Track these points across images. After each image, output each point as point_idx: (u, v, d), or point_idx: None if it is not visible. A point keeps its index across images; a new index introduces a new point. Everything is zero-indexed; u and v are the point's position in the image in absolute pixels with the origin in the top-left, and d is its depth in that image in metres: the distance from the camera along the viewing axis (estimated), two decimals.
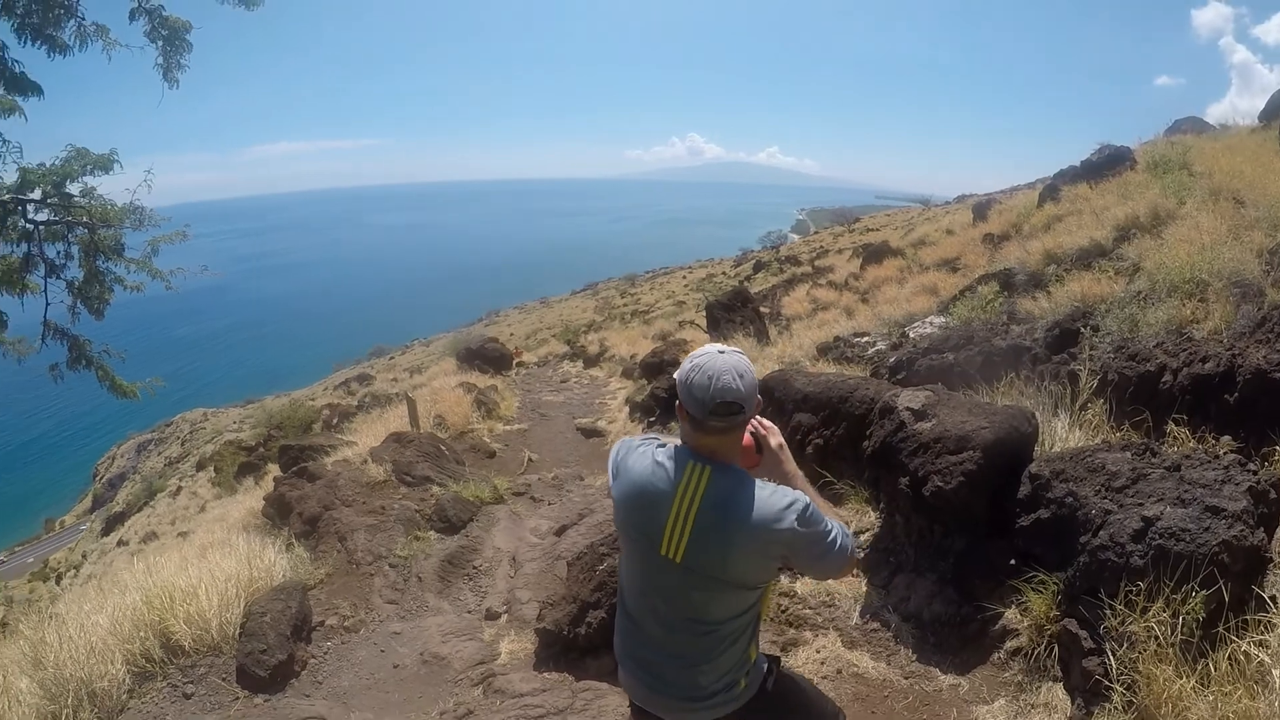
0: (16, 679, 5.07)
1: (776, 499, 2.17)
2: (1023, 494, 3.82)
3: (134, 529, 37.46)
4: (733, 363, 2.14)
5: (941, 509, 4.05)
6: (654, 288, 72.76)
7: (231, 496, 20.78)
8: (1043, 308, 8.75)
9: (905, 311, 12.34)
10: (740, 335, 13.90)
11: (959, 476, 3.94)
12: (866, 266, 21.79)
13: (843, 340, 11.25)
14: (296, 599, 6.08)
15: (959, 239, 19.90)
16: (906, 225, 44.87)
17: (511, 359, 22.53)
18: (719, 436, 2.20)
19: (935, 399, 4.49)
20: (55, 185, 5.05)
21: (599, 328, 40.27)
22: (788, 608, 4.79)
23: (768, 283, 35.16)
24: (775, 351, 12.57)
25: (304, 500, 8.69)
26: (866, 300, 16.80)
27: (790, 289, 24.47)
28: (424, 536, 7.71)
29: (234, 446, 30.59)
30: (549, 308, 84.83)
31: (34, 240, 5.33)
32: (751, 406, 2.18)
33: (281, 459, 14.10)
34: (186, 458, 51.34)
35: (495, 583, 6.88)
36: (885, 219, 73.08)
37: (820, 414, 5.90)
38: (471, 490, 8.77)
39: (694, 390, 2.13)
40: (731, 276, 53.88)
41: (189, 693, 5.28)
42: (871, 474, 4.84)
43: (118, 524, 44.46)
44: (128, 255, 5.56)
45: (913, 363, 7.97)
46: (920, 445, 4.21)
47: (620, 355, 20.64)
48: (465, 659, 5.61)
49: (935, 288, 14.20)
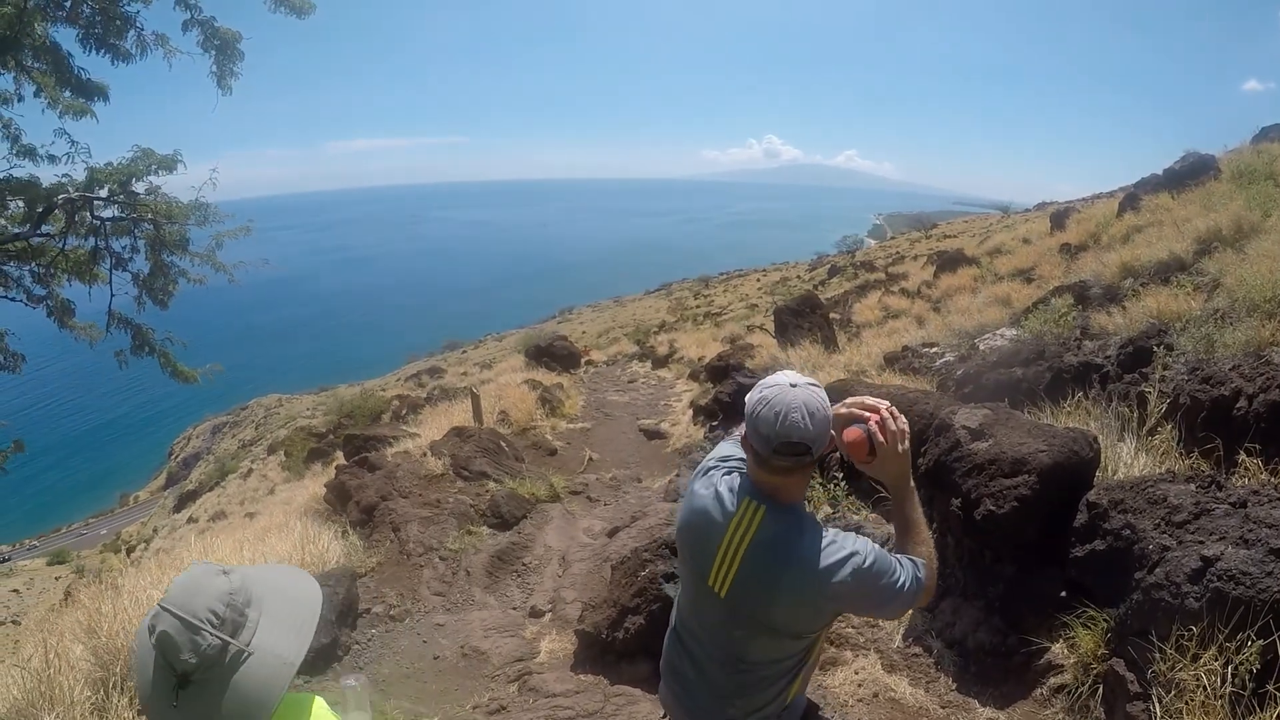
0: (71, 645, 5.18)
1: (834, 550, 2.05)
2: (1079, 522, 3.66)
3: (204, 507, 38.47)
4: (804, 399, 1.98)
5: (992, 534, 3.89)
6: (727, 290, 72.31)
7: (299, 480, 21.17)
8: (1117, 323, 8.46)
9: (976, 322, 12.04)
10: (808, 342, 13.72)
11: (1012, 501, 3.78)
12: (940, 274, 21.40)
13: (911, 350, 11.04)
14: (345, 585, 6.18)
15: (1035, 248, 19.43)
16: (983, 233, 44.03)
17: (580, 357, 22.58)
18: (783, 476, 2.07)
19: (993, 418, 4.32)
20: (121, 184, 5.22)
21: (670, 328, 40.18)
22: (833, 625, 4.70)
23: (841, 288, 34.78)
24: (842, 359, 12.39)
25: (363, 489, 8.81)
26: (938, 309, 16.48)
27: (863, 295, 24.17)
28: (476, 531, 7.75)
29: (305, 432, 31.22)
30: (622, 306, 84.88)
31: (101, 235, 5.51)
32: (821, 446, 2.04)
33: (346, 447, 14.34)
34: (259, 441, 52.54)
35: (543, 581, 6.87)
36: (963, 225, 71.77)
37: None
38: (527, 487, 8.79)
39: (759, 425, 2.00)
40: (806, 280, 53.32)
41: None
42: (925, 492, 4.69)
43: (189, 501, 45.74)
44: (192, 249, 5.69)
45: (979, 376, 7.77)
46: (974, 466, 4.04)
47: (689, 357, 20.56)
48: (504, 655, 5.62)
49: (1008, 298, 13.86)
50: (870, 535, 5.14)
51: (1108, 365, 6.87)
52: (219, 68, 5.22)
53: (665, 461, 11.08)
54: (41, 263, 5.50)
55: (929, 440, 4.58)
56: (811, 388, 2.01)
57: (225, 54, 5.15)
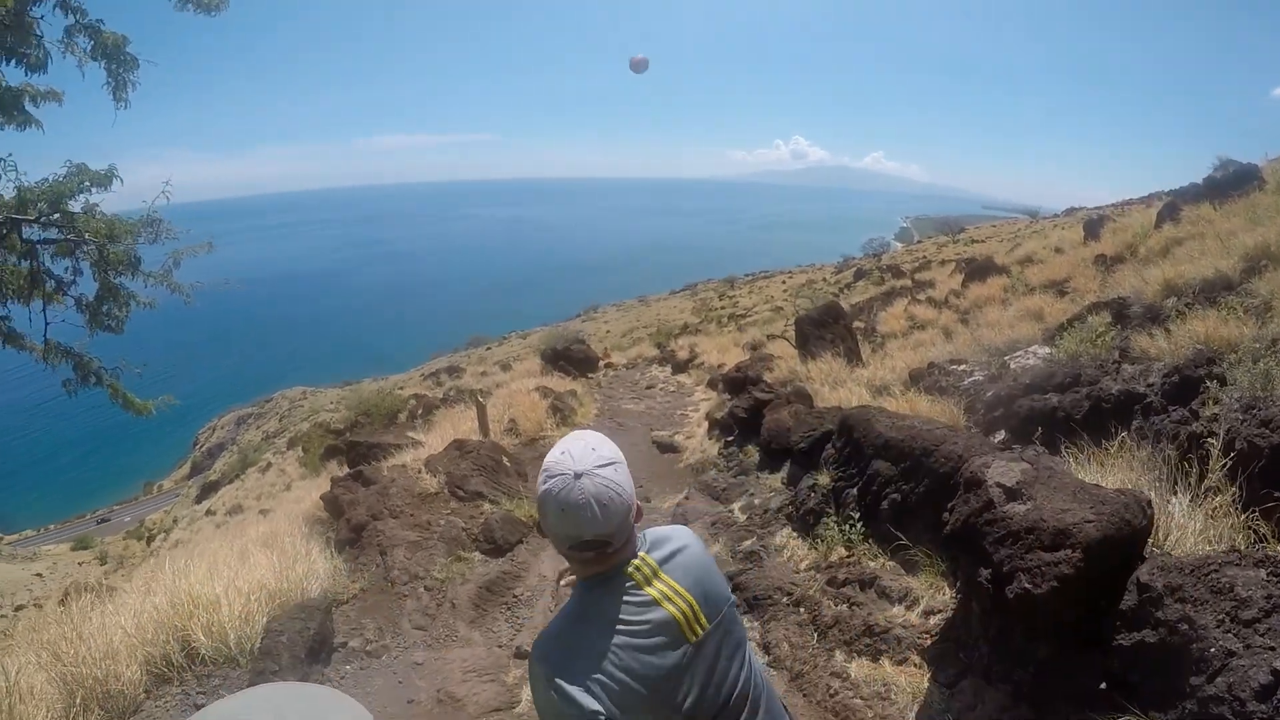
0: (35, 674, 5.08)
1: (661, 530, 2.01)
2: (1127, 605, 3.10)
3: (223, 500, 38.70)
4: (593, 491, 1.75)
5: (1025, 614, 3.35)
6: (753, 291, 71.91)
7: (315, 478, 20.97)
8: (1160, 347, 7.86)
9: (1007, 338, 11.48)
10: (829, 354, 13.19)
11: (1051, 581, 3.20)
12: (969, 284, 20.75)
13: (937, 367, 10.50)
14: (317, 619, 5.82)
15: (1068, 259, 18.69)
16: (1012, 239, 43.29)
17: (597, 361, 22.17)
18: (600, 565, 1.85)
19: (1033, 474, 3.73)
20: (52, 203, 4.85)
21: (693, 330, 39.76)
22: (837, 692, 4.19)
23: (867, 292, 34.17)
24: (865, 374, 11.86)
25: (355, 506, 8.46)
26: (966, 321, 15.87)
27: (888, 303, 23.55)
28: (466, 558, 7.35)
29: (322, 429, 31.02)
30: (647, 306, 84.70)
31: (36, 257, 5.15)
32: (626, 533, 1.83)
33: (349, 454, 14.03)
34: (282, 434, 52.93)
35: (533, 616, 6.44)
36: (991, 230, 70.99)
37: (900, 465, 5.23)
38: (524, 510, 8.33)
39: (548, 522, 1.82)
40: (831, 284, 52.71)
41: (200, 704, 5.13)
42: (948, 550, 4.14)
43: (211, 492, 46.20)
44: (145, 269, 5.32)
45: (1011, 401, 7.23)
46: (1009, 533, 3.45)
47: (710, 362, 20.11)
48: (481, 703, 5.22)
49: (1041, 312, 13.27)
50: (888, 588, 4.64)
51: (1151, 395, 6.29)
52: (114, 79, 4.82)
53: (676, 478, 10.61)
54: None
55: (958, 496, 4.01)
56: (600, 472, 1.77)
57: (116, 61, 4.76)
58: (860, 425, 5.92)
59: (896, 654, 4.12)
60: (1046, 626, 3.33)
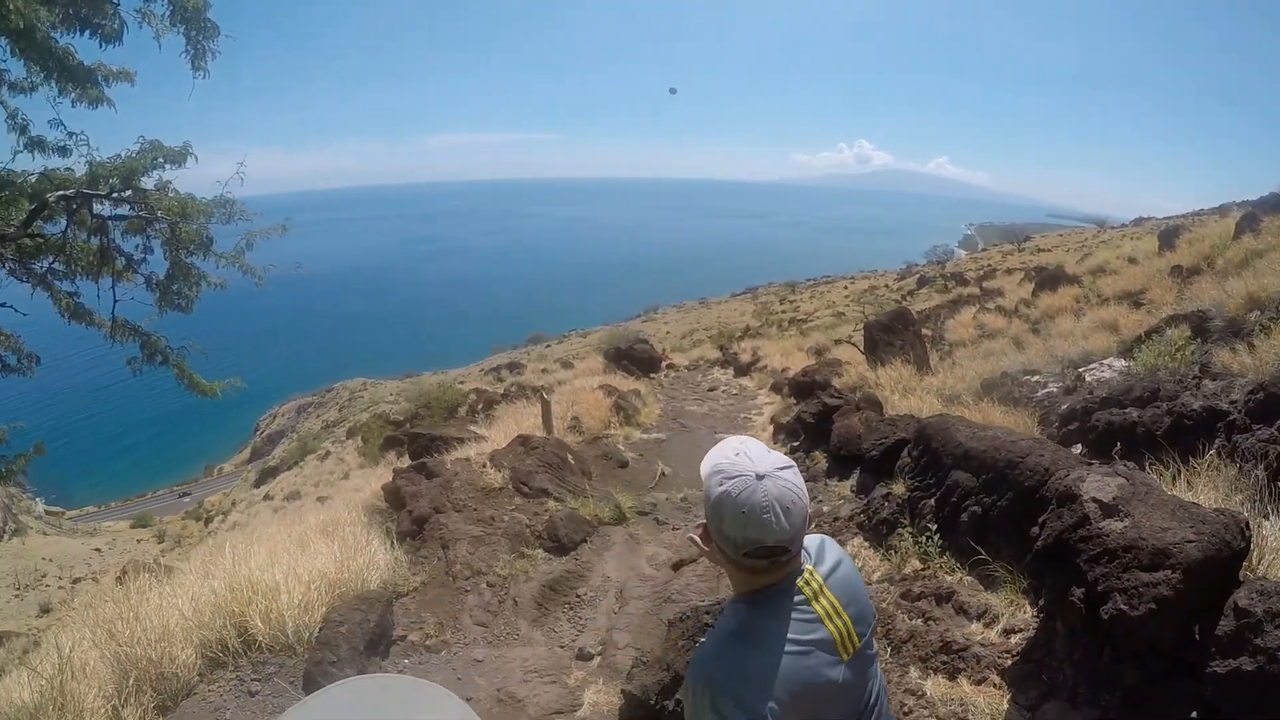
0: (89, 651, 5.20)
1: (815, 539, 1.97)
2: (1223, 630, 2.97)
3: (281, 485, 39.45)
4: (776, 493, 1.69)
5: (1118, 637, 3.21)
6: (814, 296, 71.50)
7: (373, 468, 21.21)
8: (1243, 363, 7.59)
9: (1081, 349, 11.20)
10: (899, 361, 13.01)
11: (1149, 602, 3.05)
12: (1039, 293, 20.33)
13: (1010, 377, 10.30)
14: (378, 611, 5.84)
15: (1143, 269, 18.17)
16: (1081, 248, 42.34)
17: (660, 362, 22.13)
18: (770, 574, 1.79)
19: (1130, 490, 3.57)
20: (124, 179, 4.88)
21: (755, 334, 39.58)
22: (912, 710, 4.07)
23: (931, 300, 33.73)
24: (935, 383, 11.65)
25: (417, 498, 8.49)
26: (1038, 331, 15.53)
27: (955, 311, 23.18)
28: (530, 555, 7.30)
29: (382, 420, 31.42)
30: (707, 308, 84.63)
31: (107, 233, 5.20)
32: (800, 543, 1.79)
33: (411, 446, 14.14)
34: (341, 423, 53.78)
35: (596, 617, 6.36)
36: (1058, 239, 69.63)
37: (981, 477, 5.08)
38: (590, 508, 8.29)
39: (724, 526, 1.74)
40: (894, 290, 52.20)
41: (254, 690, 5.28)
42: (1035, 566, 3.99)
43: (270, 478, 47.19)
44: (218, 251, 5.35)
45: (1088, 414, 7.04)
46: (1105, 551, 3.29)
47: (772, 366, 20.00)
48: (541, 705, 5.16)
49: (1116, 324, 12.92)
50: (965, 604, 4.53)
51: (1235, 412, 6.06)
52: (193, 46, 4.82)
53: None
54: (60, 259, 5.22)
55: (1049, 510, 3.87)
56: (781, 474, 1.73)
57: (195, 28, 4.75)
58: (939, 434, 5.79)
59: (975, 673, 4.00)
60: (1138, 650, 3.20)
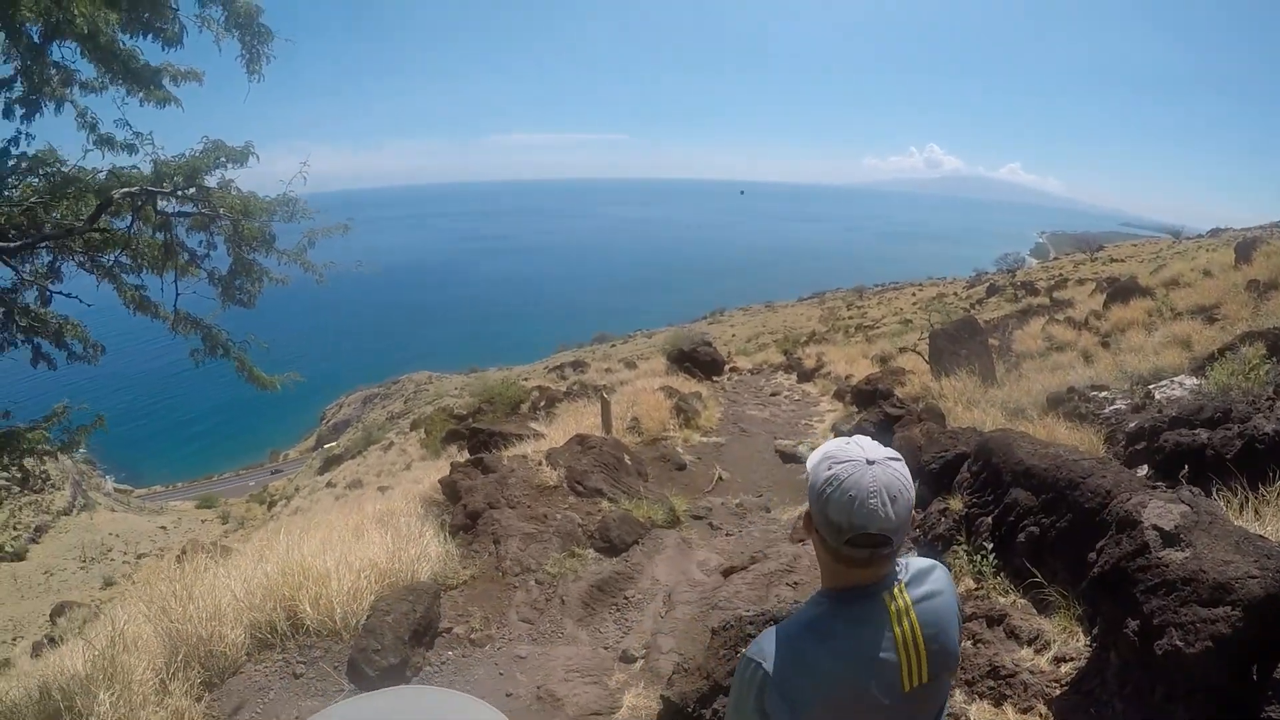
0: (142, 625, 5.42)
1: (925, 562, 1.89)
2: None
3: (344, 474, 40.19)
4: (885, 480, 1.67)
5: (1172, 673, 3.05)
6: (881, 302, 70.72)
7: (435, 460, 21.44)
8: None
9: (1152, 365, 10.84)
10: (964, 371, 12.76)
11: (1206, 640, 2.87)
12: (1110, 305, 19.75)
13: (1077, 392, 9.99)
14: (425, 603, 5.90)
15: (1218, 283, 17.56)
16: (1155, 259, 41.21)
17: (723, 365, 22.02)
18: (859, 568, 1.74)
19: (1193, 519, 3.37)
20: (187, 177, 5.02)
21: (820, 339, 39.29)
22: None
23: (1000, 310, 33.08)
24: (1000, 395, 11.38)
25: (472, 492, 8.52)
26: (1107, 345, 15.10)
27: (1024, 321, 22.67)
28: (580, 554, 7.28)
29: (445, 413, 31.74)
30: (774, 312, 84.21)
31: (171, 229, 5.37)
32: (904, 536, 1.74)
33: (470, 440, 14.23)
34: (406, 415, 54.62)
35: (642, 620, 6.31)
36: (1131, 249, 67.88)
37: (1041, 496, 4.90)
38: (644, 510, 8.25)
39: (829, 510, 1.69)
40: (963, 298, 51.32)
41: (299, 673, 5.38)
42: (1091, 593, 3.81)
43: (333, 465, 48.11)
44: (280, 247, 5.47)
45: (1156, 434, 6.77)
46: (1164, 583, 3.12)
47: (836, 373, 19.80)
48: (580, 705, 5.13)
49: (1188, 339, 12.49)
50: (1017, 628, 4.36)
51: None
52: (248, 50, 4.92)
53: (798, 489, 10.38)
54: (127, 253, 5.41)
55: (1107, 536, 3.70)
56: (891, 463, 1.72)
57: (249, 33, 4.85)
58: (1000, 450, 5.61)
59: (1021, 701, 3.83)
60: (1191, 689, 3.02)
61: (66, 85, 4.94)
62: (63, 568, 39.94)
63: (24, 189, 5.15)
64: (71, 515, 47.38)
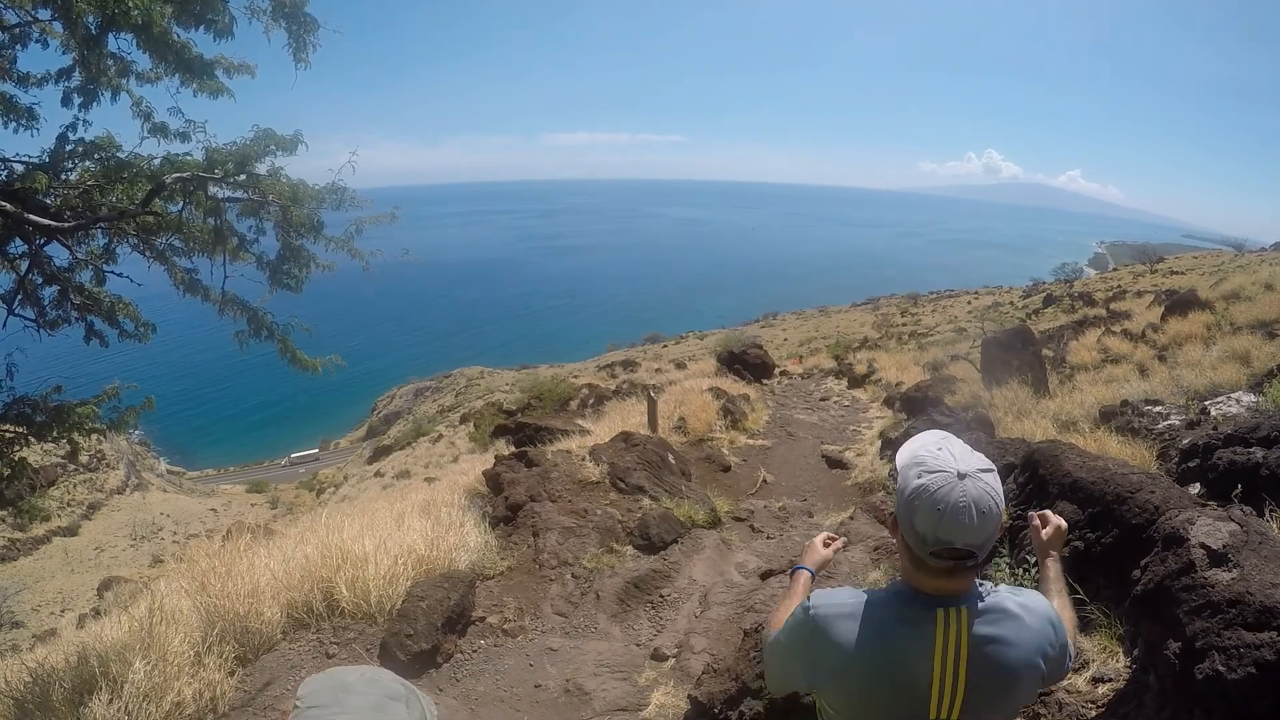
0: (180, 599, 5.53)
1: (1041, 609, 1.79)
2: None
3: (393, 464, 40.72)
4: (975, 494, 1.64)
5: (1212, 699, 2.92)
6: (936, 310, 69.83)
7: (482, 454, 21.56)
8: None
9: (1209, 381, 10.52)
10: (1016, 381, 12.53)
11: (1249, 665, 2.73)
12: (1169, 317, 19.25)
13: (1131, 406, 9.75)
14: (459, 591, 5.97)
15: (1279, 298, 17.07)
16: (1216, 272, 40.01)
17: (773, 368, 21.95)
18: (942, 579, 1.72)
19: (1242, 538, 3.22)
20: (238, 164, 5.13)
21: (872, 345, 38.89)
22: None
23: (1056, 320, 32.48)
24: (1052, 407, 11.13)
25: (515, 485, 8.57)
26: (1164, 358, 14.71)
27: (1080, 332, 22.21)
28: (618, 550, 7.28)
29: (495, 408, 31.99)
30: (827, 317, 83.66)
31: (222, 215, 5.49)
32: (988, 550, 1.70)
33: (517, 434, 14.32)
34: (456, 409, 55.15)
35: (676, 619, 6.28)
36: (1193, 261, 66.20)
37: (1088, 510, 4.77)
38: (684, 509, 8.20)
39: (916, 520, 1.68)
40: (1019, 308, 50.53)
41: (331, 653, 5.45)
42: (1133, 612, 3.68)
43: (383, 455, 48.76)
44: (328, 234, 5.56)
45: (1209, 452, 6.58)
46: (1208, 604, 3.02)
47: (887, 380, 19.57)
48: (608, 700, 5.13)
49: (1248, 355, 12.10)
50: None
51: None
52: (294, 39, 5.00)
53: (843, 495, 10.29)
54: (179, 237, 5.55)
55: (1152, 553, 3.57)
56: (983, 476, 1.67)
57: (295, 22, 4.93)
58: (1047, 461, 5.49)
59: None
60: (1231, 716, 2.90)
61: (123, 75, 5.09)
62: (113, 544, 41.01)
63: (81, 173, 5.29)
64: (124, 494, 48.64)
